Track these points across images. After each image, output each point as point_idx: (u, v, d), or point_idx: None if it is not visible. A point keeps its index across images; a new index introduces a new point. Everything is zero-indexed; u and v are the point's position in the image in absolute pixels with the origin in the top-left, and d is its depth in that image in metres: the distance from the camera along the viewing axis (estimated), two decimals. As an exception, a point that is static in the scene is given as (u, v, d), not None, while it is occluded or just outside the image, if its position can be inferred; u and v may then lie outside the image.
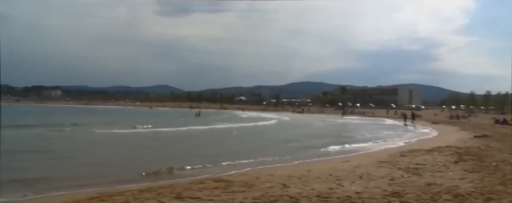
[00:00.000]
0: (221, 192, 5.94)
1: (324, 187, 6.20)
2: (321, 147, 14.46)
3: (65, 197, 5.63)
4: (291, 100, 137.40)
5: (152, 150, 13.89)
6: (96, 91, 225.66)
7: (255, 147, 15.04)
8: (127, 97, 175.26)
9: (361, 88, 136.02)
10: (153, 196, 5.57)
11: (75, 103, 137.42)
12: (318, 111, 78.63)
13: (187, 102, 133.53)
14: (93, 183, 7.15)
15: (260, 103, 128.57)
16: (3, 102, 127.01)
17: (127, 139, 17.86)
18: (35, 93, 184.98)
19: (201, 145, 16.05)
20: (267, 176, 7.33)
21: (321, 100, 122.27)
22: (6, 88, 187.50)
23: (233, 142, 17.83)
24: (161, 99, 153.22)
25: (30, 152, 11.75)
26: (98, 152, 12.99)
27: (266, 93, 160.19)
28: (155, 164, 9.16)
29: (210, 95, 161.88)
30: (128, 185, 6.80)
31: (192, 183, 6.63)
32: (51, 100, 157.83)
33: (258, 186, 6.35)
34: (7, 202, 5.95)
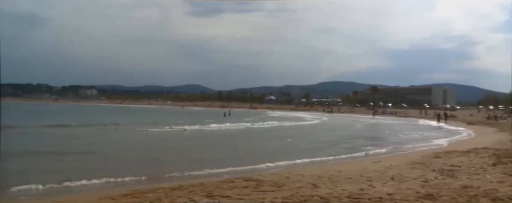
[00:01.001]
0: (251, 191, 5.97)
1: (355, 188, 6.12)
2: (351, 147, 14.29)
3: (101, 193, 5.82)
4: (321, 99, 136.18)
5: (202, 149, 14.44)
6: (129, 90, 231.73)
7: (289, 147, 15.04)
8: (159, 97, 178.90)
9: (392, 88, 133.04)
10: (184, 194, 5.67)
11: (109, 102, 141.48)
12: (348, 111, 77.50)
13: (217, 101, 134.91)
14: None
15: (290, 102, 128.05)
16: (44, 101, 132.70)
17: (183, 137, 18.79)
18: (72, 92, 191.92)
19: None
20: (297, 176, 7.30)
21: (352, 100, 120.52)
22: (46, 87, 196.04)
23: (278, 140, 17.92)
24: (192, 99, 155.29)
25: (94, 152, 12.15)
26: (164, 149, 13.86)
27: (295, 92, 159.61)
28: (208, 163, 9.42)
29: (240, 94, 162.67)
30: (160, 184, 6.98)
31: (222, 182, 6.69)
32: (87, 99, 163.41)
33: (288, 186, 6.33)
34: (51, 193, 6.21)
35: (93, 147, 13.65)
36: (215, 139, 18.79)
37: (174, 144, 16.11)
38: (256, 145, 16.13)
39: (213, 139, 18.51)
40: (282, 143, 16.54)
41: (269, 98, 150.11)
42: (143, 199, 5.32)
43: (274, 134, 22.34)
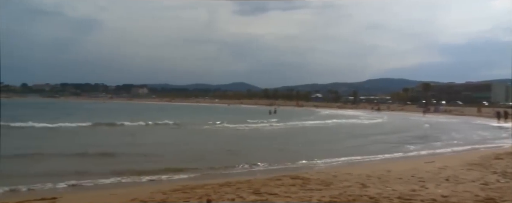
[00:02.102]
0: (298, 189, 5.94)
1: (406, 189, 5.90)
2: (400, 146, 13.82)
3: (153, 188, 6.04)
4: (369, 97, 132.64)
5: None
6: (177, 89, 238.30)
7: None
8: (206, 95, 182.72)
9: (446, 84, 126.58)
10: (232, 190, 5.75)
11: (159, 100, 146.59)
12: (398, 108, 74.83)
13: (263, 99, 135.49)
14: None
15: (337, 100, 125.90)
16: (100, 99, 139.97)
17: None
18: (125, 91, 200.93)
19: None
20: (345, 175, 7.17)
21: (402, 97, 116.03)
22: (102, 86, 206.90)
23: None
24: (238, 97, 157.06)
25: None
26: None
27: (342, 90, 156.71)
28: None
29: (285, 92, 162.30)
30: (208, 180, 7.14)
31: (269, 179, 6.71)
32: (139, 97, 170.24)
33: (336, 185, 6.23)
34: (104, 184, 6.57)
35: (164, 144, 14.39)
36: (280, 136, 18.92)
37: (254, 140, 16.85)
38: (304, 143, 15.99)
39: (277, 137, 18.67)
40: (328, 143, 16.31)
41: (315, 96, 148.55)
42: (192, 194, 5.45)
43: (322, 132, 22.07)
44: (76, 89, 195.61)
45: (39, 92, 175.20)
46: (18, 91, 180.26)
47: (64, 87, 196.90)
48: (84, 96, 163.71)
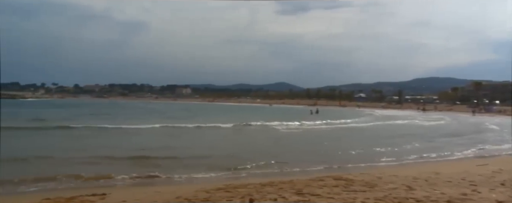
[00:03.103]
0: (341, 190, 5.83)
1: (456, 192, 5.62)
2: (449, 147, 13.21)
3: (197, 186, 6.17)
4: (416, 97, 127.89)
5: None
6: (220, 89, 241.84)
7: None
8: (248, 95, 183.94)
9: (501, 83, 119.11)
10: (274, 190, 5.74)
11: (202, 100, 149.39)
12: (446, 108, 71.62)
13: (305, 99, 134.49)
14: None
15: (381, 100, 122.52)
16: (146, 99, 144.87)
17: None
18: (170, 91, 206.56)
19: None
20: (390, 177, 6.96)
21: (450, 97, 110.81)
22: (148, 87, 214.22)
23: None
24: (280, 97, 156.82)
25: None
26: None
27: (387, 89, 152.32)
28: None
29: (328, 92, 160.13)
30: (250, 179, 7.21)
31: (312, 180, 6.65)
32: (182, 97, 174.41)
33: (381, 187, 6.06)
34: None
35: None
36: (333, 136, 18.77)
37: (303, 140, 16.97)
38: (345, 144, 15.70)
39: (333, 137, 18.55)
40: (371, 143, 15.91)
41: (359, 96, 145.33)
42: (235, 193, 5.50)
43: (362, 133, 21.58)
44: (123, 89, 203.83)
45: (89, 93, 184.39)
46: (71, 91, 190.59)
47: (112, 88, 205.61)
48: (130, 96, 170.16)
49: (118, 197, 5.27)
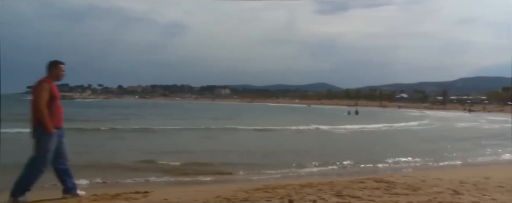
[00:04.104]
0: (382, 193, 5.68)
1: (509, 199, 5.32)
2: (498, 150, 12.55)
3: (236, 186, 6.22)
4: (461, 97, 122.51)
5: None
6: (258, 89, 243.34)
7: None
8: (286, 95, 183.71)
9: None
10: (314, 191, 5.68)
11: (241, 100, 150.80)
12: (496, 109, 68.03)
13: (344, 99, 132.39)
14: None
15: (424, 100, 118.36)
16: (186, 100, 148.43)
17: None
18: (209, 91, 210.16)
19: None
20: (435, 180, 6.69)
21: (501, 97, 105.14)
22: (188, 87, 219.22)
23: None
24: (318, 97, 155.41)
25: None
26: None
27: (430, 89, 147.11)
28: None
29: (368, 92, 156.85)
30: (289, 180, 7.19)
31: (352, 182, 6.52)
32: (221, 97, 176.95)
33: (424, 190, 5.84)
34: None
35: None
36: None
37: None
38: (391, 145, 15.31)
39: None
40: (420, 144, 15.42)
41: (400, 96, 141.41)
42: (274, 194, 5.49)
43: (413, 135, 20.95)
44: (164, 90, 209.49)
45: (132, 93, 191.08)
46: (115, 92, 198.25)
47: (154, 89, 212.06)
48: (171, 97, 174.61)
49: (160, 195, 5.41)
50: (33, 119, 4.91)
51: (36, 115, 4.86)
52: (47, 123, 4.83)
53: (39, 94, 4.84)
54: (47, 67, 5.05)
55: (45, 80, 4.97)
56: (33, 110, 4.90)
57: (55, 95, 4.96)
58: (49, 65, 5.06)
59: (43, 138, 4.87)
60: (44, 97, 4.83)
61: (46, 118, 4.82)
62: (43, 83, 4.91)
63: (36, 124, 4.87)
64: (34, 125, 4.90)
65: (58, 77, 5.11)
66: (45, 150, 4.89)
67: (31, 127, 4.95)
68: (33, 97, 4.93)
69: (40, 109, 4.80)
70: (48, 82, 4.96)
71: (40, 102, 4.81)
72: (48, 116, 4.83)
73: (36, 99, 4.85)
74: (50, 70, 5.06)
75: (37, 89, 4.89)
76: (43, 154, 4.89)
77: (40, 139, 4.88)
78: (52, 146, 4.94)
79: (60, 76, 5.12)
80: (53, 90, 4.95)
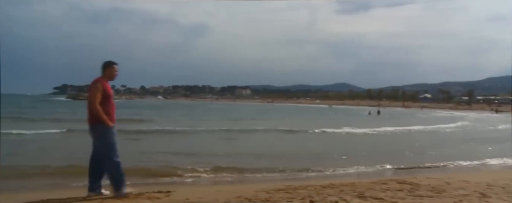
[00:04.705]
0: (406, 195, 5.58)
1: (539, 202, 5.14)
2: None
3: (257, 186, 6.23)
4: (489, 97, 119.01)
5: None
6: (279, 89, 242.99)
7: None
8: (307, 95, 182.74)
9: None
10: (335, 192, 5.63)
11: (262, 101, 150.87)
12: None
13: (366, 100, 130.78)
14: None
15: (449, 101, 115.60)
16: (207, 100, 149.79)
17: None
18: (230, 92, 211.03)
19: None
20: (460, 183, 6.53)
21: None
22: (209, 88, 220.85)
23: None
24: (340, 97, 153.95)
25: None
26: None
27: (455, 90, 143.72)
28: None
29: (390, 92, 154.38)
30: (311, 180, 7.15)
31: (374, 183, 6.44)
32: (242, 98, 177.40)
33: (449, 193, 5.71)
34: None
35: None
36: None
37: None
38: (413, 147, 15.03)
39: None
40: (439, 145, 15.08)
41: (424, 96, 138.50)
42: (295, 195, 5.48)
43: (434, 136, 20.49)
44: (185, 90, 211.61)
45: (154, 94, 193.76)
46: (138, 92, 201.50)
47: (175, 89, 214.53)
48: (192, 97, 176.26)
49: (182, 195, 5.47)
50: (90, 118, 5.13)
51: (92, 113, 5.08)
52: (103, 118, 5.01)
53: (92, 93, 5.06)
54: (102, 67, 5.28)
55: (98, 80, 5.18)
56: (88, 109, 5.12)
57: (108, 94, 5.17)
58: (103, 65, 5.28)
59: (105, 133, 5.09)
60: (97, 97, 5.03)
61: (102, 114, 5.03)
62: (96, 83, 5.11)
63: (95, 122, 5.09)
64: (92, 123, 5.12)
65: (111, 77, 5.33)
66: (111, 142, 5.12)
67: (89, 126, 5.17)
68: (88, 96, 5.15)
69: (94, 107, 5.01)
70: (101, 82, 5.17)
71: (93, 101, 5.02)
72: (102, 111, 5.04)
73: (90, 98, 5.07)
74: (104, 70, 5.28)
75: (91, 89, 5.12)
76: (111, 147, 5.13)
77: (103, 135, 5.12)
78: (114, 138, 5.18)
79: (114, 76, 5.34)
80: (106, 90, 5.17)
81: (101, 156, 5.20)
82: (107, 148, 5.13)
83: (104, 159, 5.16)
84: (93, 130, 5.14)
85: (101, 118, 5.03)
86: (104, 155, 5.15)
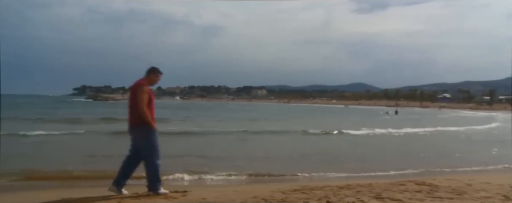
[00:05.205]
0: (424, 196, 5.48)
1: None
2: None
3: (273, 187, 6.21)
4: (511, 97, 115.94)
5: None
6: (295, 90, 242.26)
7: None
8: (323, 96, 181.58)
9: None
10: (352, 193, 5.57)
11: (278, 101, 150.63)
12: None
13: (383, 100, 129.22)
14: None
15: (469, 100, 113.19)
16: (223, 101, 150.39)
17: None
18: (245, 92, 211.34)
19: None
20: (482, 184, 6.37)
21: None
22: (224, 88, 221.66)
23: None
24: (356, 97, 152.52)
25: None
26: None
27: (476, 89, 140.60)
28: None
29: (408, 92, 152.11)
30: (327, 181, 7.10)
31: (391, 184, 6.34)
32: (258, 98, 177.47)
33: (471, 195, 5.57)
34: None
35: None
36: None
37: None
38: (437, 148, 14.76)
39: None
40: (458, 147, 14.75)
41: (443, 96, 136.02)
42: (311, 195, 5.44)
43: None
44: (201, 91, 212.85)
45: (171, 94, 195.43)
46: (155, 93, 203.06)
47: (192, 90, 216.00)
48: (208, 98, 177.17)
49: (199, 195, 5.49)
50: (134, 120, 5.26)
51: (137, 115, 5.20)
52: (150, 121, 5.18)
53: (140, 96, 5.18)
54: (148, 71, 5.42)
55: (144, 83, 5.32)
56: (133, 111, 5.25)
57: (151, 98, 5.32)
58: (150, 70, 5.43)
59: (150, 135, 5.22)
60: (144, 99, 5.17)
61: (149, 116, 5.18)
62: (143, 86, 5.24)
63: (139, 123, 5.22)
64: (136, 124, 5.25)
65: (153, 83, 5.47)
66: (155, 144, 5.25)
67: (133, 127, 5.29)
68: (133, 98, 5.25)
69: (142, 110, 5.14)
70: (146, 85, 5.31)
71: (141, 103, 5.15)
72: (149, 114, 5.19)
73: (137, 100, 5.18)
74: (149, 74, 5.42)
75: (137, 91, 5.23)
76: (155, 148, 5.26)
77: (148, 137, 5.24)
78: (157, 140, 5.26)
79: (155, 83, 5.49)
80: (150, 93, 5.30)
81: (143, 157, 5.31)
82: (150, 150, 5.25)
83: (146, 161, 5.29)
84: (136, 131, 5.27)
85: (148, 120, 5.16)
86: (146, 156, 5.27)
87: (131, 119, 5.27)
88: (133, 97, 5.22)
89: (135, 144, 5.36)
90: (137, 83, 5.29)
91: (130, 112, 5.28)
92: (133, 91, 5.27)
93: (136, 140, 5.32)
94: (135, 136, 5.30)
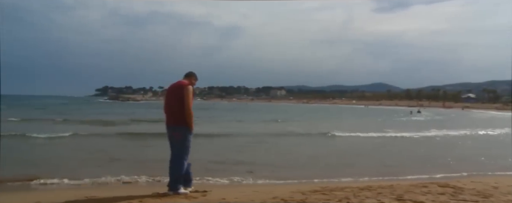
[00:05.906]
0: (448, 198, 5.35)
1: None
2: None
3: (293, 187, 6.19)
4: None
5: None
6: (314, 90, 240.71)
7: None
8: (343, 96, 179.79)
9: None
10: (373, 195, 5.50)
11: (297, 101, 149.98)
12: None
13: (404, 100, 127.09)
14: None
15: (495, 100, 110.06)
16: (243, 101, 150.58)
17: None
18: (264, 93, 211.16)
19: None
20: (510, 187, 6.19)
21: None
22: (244, 89, 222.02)
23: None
24: (377, 98, 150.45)
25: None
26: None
27: (503, 89, 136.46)
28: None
29: (431, 92, 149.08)
30: (348, 182, 7.02)
31: (414, 186, 6.23)
32: (277, 98, 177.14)
33: (497, 198, 5.41)
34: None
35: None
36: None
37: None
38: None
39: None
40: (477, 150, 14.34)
41: (467, 96, 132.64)
42: (331, 196, 5.39)
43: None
44: (221, 91, 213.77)
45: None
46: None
47: (211, 90, 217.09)
48: (227, 98, 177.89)
49: (218, 195, 5.52)
50: (175, 119, 5.38)
51: (181, 115, 5.33)
52: (191, 123, 5.32)
53: (189, 97, 5.33)
54: (188, 74, 5.62)
55: (190, 84, 5.47)
56: (173, 110, 5.39)
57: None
58: (190, 74, 5.63)
59: (187, 136, 5.38)
60: (191, 100, 5.36)
61: (192, 119, 5.35)
62: (190, 87, 5.40)
63: (180, 123, 5.36)
64: (177, 124, 5.38)
65: (193, 86, 5.58)
66: (188, 146, 5.40)
67: (171, 126, 5.42)
68: (176, 98, 5.36)
69: (189, 111, 5.30)
70: (191, 85, 5.46)
71: (189, 104, 5.31)
72: (193, 117, 5.36)
73: (185, 101, 5.32)
74: (190, 77, 5.61)
75: (186, 92, 5.35)
76: (186, 150, 5.41)
77: (185, 137, 5.39)
78: (191, 143, 5.42)
79: (193, 86, 5.59)
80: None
81: (172, 154, 5.44)
82: (182, 150, 5.38)
83: (174, 158, 5.40)
84: (175, 131, 5.40)
85: (190, 122, 5.32)
86: (177, 154, 5.40)
87: (170, 118, 5.42)
88: (178, 97, 5.34)
89: (171, 142, 5.47)
90: (183, 83, 5.41)
91: (170, 112, 5.41)
92: (178, 91, 5.38)
93: (173, 138, 5.43)
94: (173, 134, 5.42)
